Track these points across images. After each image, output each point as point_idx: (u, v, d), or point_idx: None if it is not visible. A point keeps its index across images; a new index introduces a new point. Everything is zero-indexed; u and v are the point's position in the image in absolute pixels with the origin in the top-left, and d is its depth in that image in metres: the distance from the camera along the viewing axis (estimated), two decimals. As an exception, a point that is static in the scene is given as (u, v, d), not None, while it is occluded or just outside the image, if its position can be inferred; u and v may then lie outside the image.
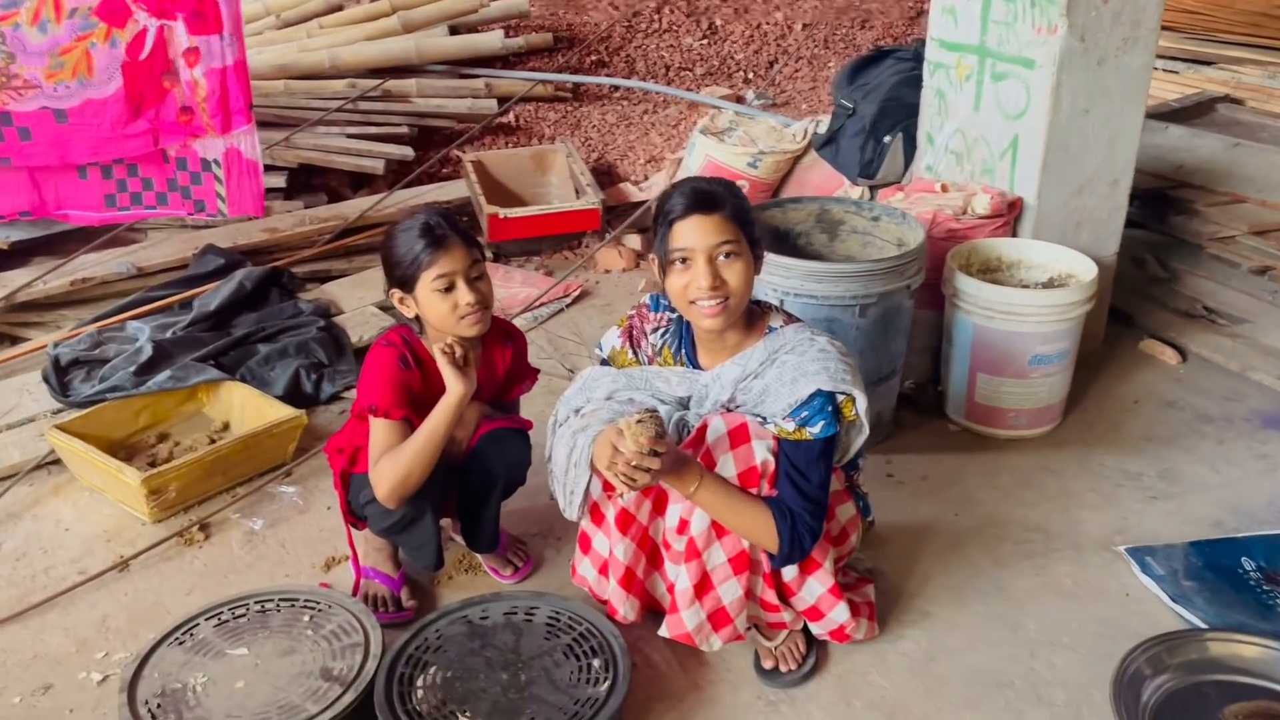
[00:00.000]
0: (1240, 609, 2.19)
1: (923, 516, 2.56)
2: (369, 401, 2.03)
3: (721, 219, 1.88)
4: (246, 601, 2.11)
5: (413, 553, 2.21)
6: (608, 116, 4.97)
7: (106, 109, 2.91)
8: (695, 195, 1.89)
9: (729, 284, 1.88)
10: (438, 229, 2.04)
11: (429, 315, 2.10)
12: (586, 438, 2.00)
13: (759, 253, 1.95)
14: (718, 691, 2.05)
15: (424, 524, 2.11)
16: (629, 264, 4.13)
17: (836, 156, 3.65)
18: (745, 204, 1.94)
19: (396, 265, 2.08)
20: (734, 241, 1.88)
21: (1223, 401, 3.06)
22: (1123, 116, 3.07)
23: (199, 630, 2.04)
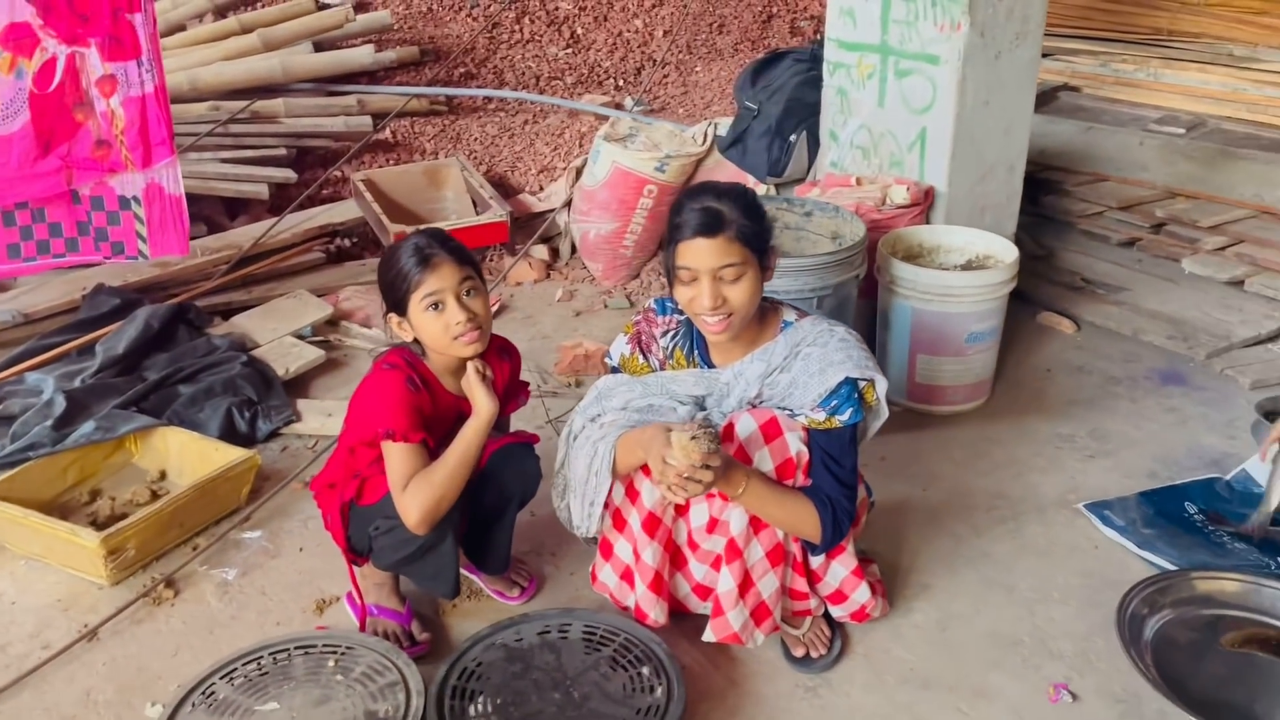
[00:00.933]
0: (1198, 550, 2.40)
1: (895, 495, 2.67)
2: (385, 427, 1.95)
3: (726, 241, 1.88)
4: (260, 654, 1.98)
5: (428, 582, 2.13)
6: (488, 128, 4.91)
7: (12, 146, 2.63)
8: (703, 215, 1.89)
9: (731, 301, 1.90)
10: (425, 248, 1.99)
11: (424, 336, 2.04)
12: (607, 445, 2.00)
13: (769, 263, 1.97)
14: (755, 685, 2.08)
15: (444, 549, 2.04)
16: (540, 275, 4.10)
17: (744, 157, 3.75)
18: (755, 220, 1.92)
19: (389, 289, 2.02)
20: (738, 264, 1.88)
21: (1123, 363, 3.34)
22: (1017, 106, 3.31)
23: (217, 690, 1.90)
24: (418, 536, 1.99)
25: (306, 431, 2.95)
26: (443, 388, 2.08)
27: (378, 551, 2.09)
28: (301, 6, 4.97)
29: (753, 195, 1.98)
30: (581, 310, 3.84)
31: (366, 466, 2.07)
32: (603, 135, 3.95)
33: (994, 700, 2.03)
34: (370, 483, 2.06)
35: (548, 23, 5.79)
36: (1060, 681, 2.06)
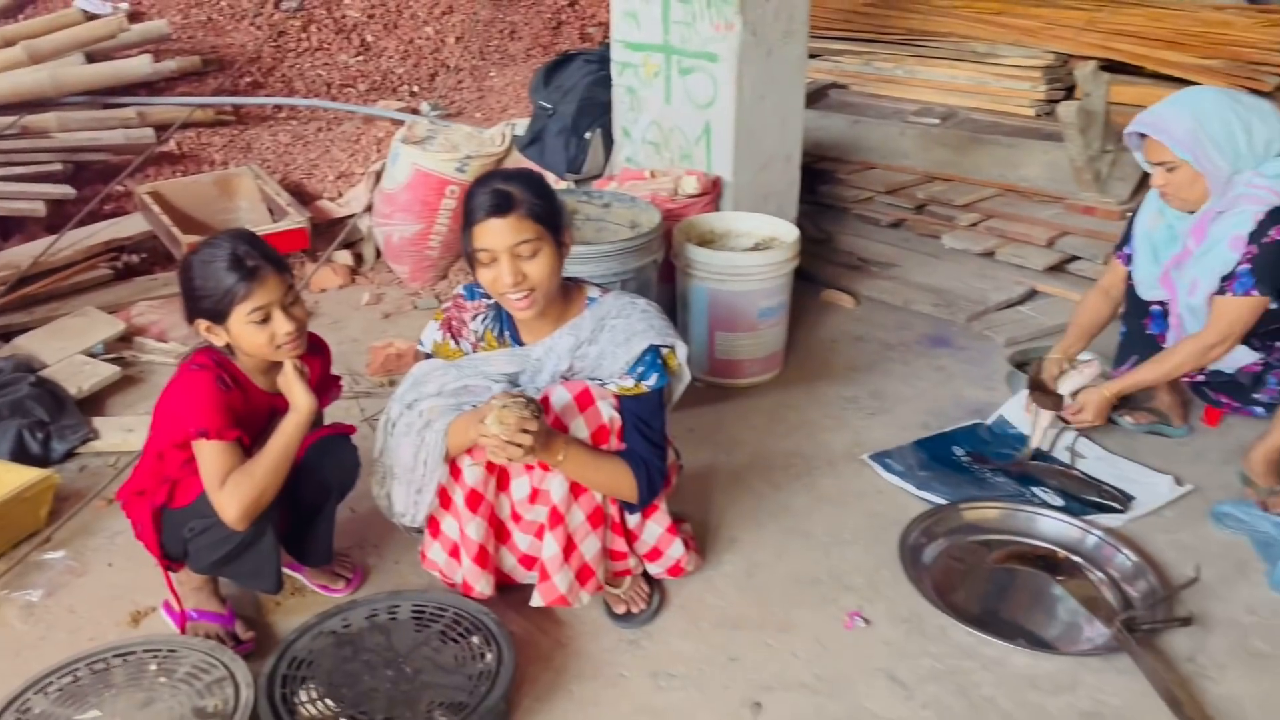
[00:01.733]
0: (967, 486, 2.70)
1: (702, 461, 2.85)
2: (197, 426, 1.94)
3: (518, 219, 1.97)
4: (75, 665, 1.94)
5: (249, 580, 2.13)
6: (280, 137, 4.82)
7: None
8: (492, 197, 1.98)
9: (531, 277, 2.00)
10: (248, 259, 1.96)
11: (245, 346, 2.03)
12: (436, 433, 2.07)
13: (564, 239, 2.08)
14: (582, 644, 2.20)
15: (263, 545, 2.05)
16: (345, 280, 4.08)
17: (543, 155, 3.87)
18: (544, 197, 2.02)
19: (204, 298, 1.98)
20: (532, 240, 1.98)
21: (897, 331, 3.66)
22: (789, 100, 3.57)
23: (32, 705, 1.85)
24: (235, 535, 1.99)
25: (106, 449, 2.85)
26: (254, 385, 2.09)
27: (194, 554, 2.07)
28: (69, 17, 4.74)
29: (539, 177, 2.09)
30: (390, 312, 3.86)
31: (177, 469, 2.05)
32: (400, 138, 3.98)
33: (798, 632, 2.23)
34: (182, 485, 2.04)
35: (336, 30, 5.74)
36: (854, 610, 2.28)
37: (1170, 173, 2.48)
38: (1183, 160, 2.44)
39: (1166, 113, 2.47)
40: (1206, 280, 2.48)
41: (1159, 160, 2.51)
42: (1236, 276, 2.43)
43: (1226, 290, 2.46)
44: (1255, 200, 2.39)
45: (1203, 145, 2.40)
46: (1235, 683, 2.07)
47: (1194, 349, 2.54)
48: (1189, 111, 2.43)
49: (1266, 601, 2.30)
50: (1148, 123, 2.51)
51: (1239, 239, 2.41)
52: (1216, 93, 2.51)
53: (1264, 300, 2.44)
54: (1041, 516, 2.50)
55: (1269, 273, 2.40)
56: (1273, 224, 2.38)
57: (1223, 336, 2.49)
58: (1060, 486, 2.67)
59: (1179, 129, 2.42)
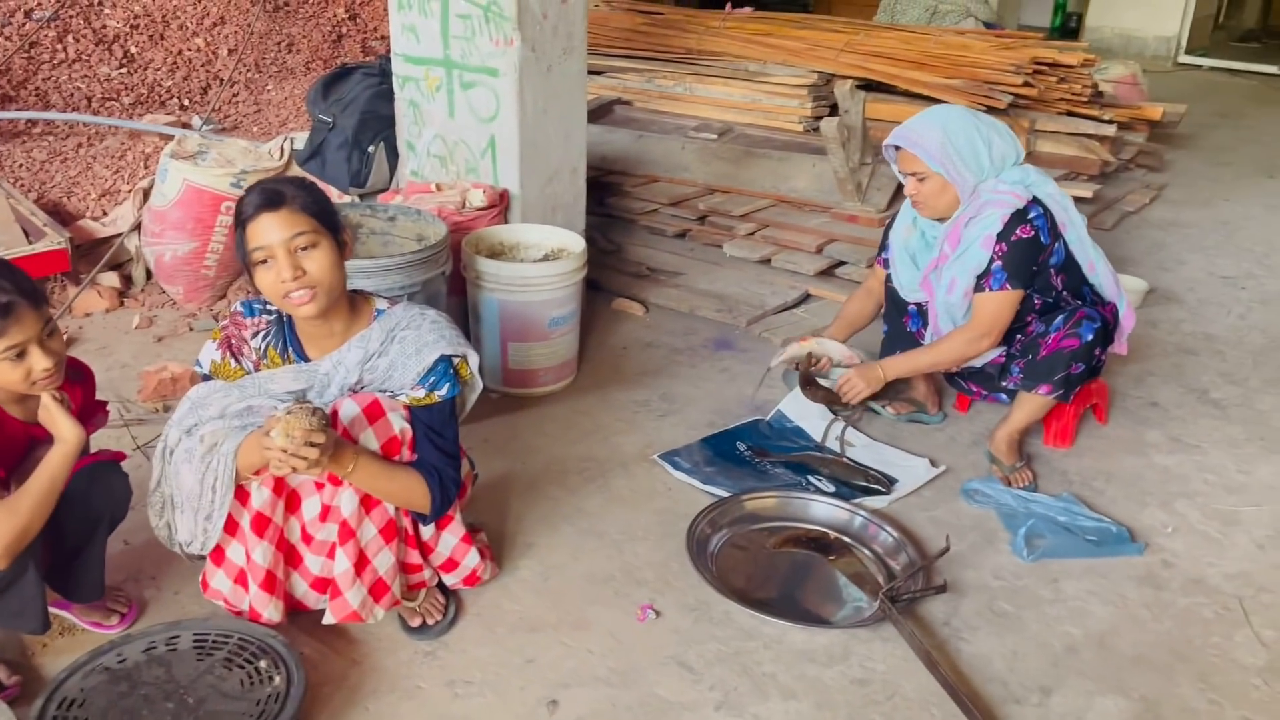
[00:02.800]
0: (749, 478, 2.85)
1: (497, 471, 2.88)
2: None
3: (290, 212, 1.96)
4: None
5: (11, 620, 1.99)
6: (34, 153, 4.50)
7: None
8: (262, 195, 1.97)
9: (311, 273, 1.97)
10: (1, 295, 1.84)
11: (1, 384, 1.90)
12: (222, 456, 2.00)
13: (343, 238, 2.07)
14: (377, 660, 2.19)
15: (26, 582, 1.92)
16: (112, 303, 3.86)
17: (324, 169, 3.79)
18: (316, 195, 2.02)
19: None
20: (308, 232, 1.96)
21: (685, 336, 3.82)
22: (571, 115, 3.66)
23: None
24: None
25: None
26: (8, 415, 1.96)
27: None
28: None
29: (310, 180, 2.09)
30: (164, 335, 3.68)
31: None
32: (169, 153, 3.80)
33: (592, 629, 2.29)
34: None
35: (95, 41, 5.39)
36: (646, 603, 2.37)
37: (922, 182, 2.73)
38: (935, 172, 2.69)
39: (919, 128, 2.71)
40: (963, 279, 2.75)
41: (912, 171, 2.75)
42: (991, 274, 2.71)
43: (984, 287, 2.73)
44: (1000, 205, 2.68)
45: (951, 158, 2.66)
46: (984, 641, 2.30)
47: (964, 339, 2.80)
48: (939, 127, 2.69)
49: (1010, 567, 2.55)
50: (902, 137, 2.75)
51: (989, 239, 2.68)
52: (960, 111, 2.78)
53: (1019, 294, 2.73)
54: (814, 502, 2.68)
55: (1018, 266, 2.69)
56: (1018, 224, 2.67)
57: (988, 329, 2.76)
58: (832, 474, 2.86)
59: (931, 143, 2.67)
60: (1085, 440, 3.14)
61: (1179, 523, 2.76)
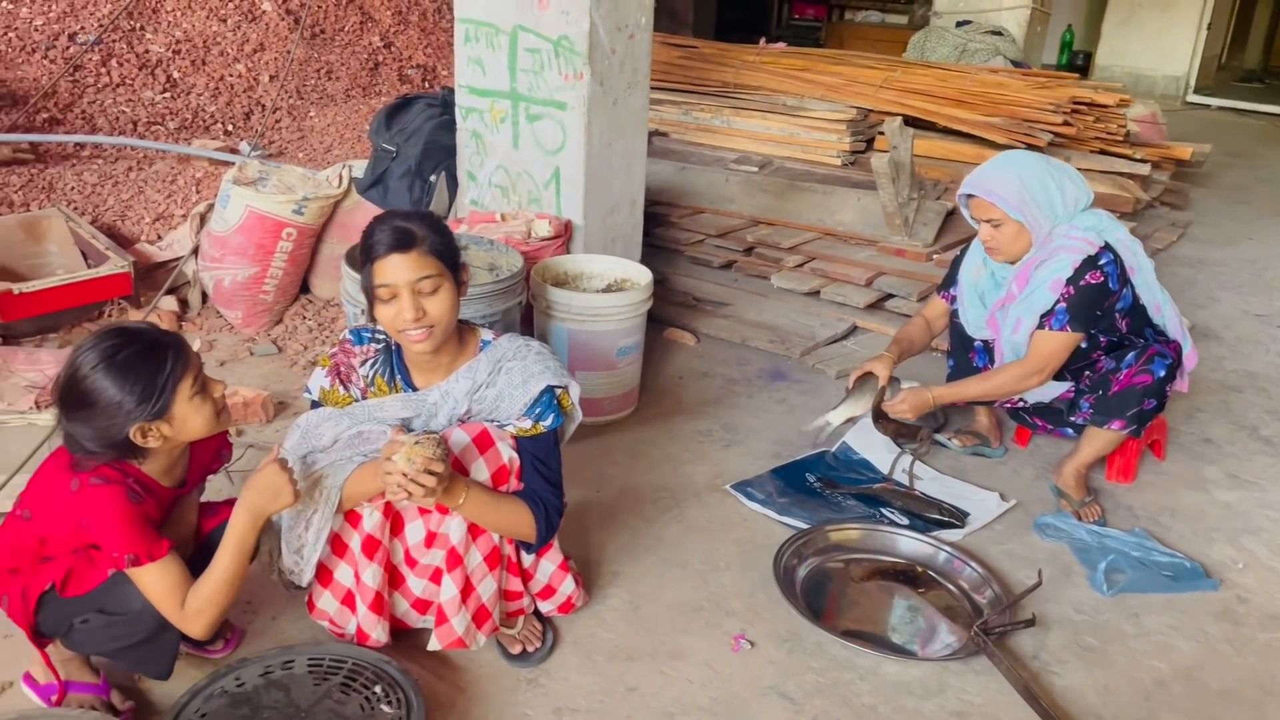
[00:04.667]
0: (823, 509, 2.89)
1: (574, 498, 2.89)
2: (125, 553, 1.80)
3: (419, 255, 2.00)
4: (-61, 755, 1.77)
5: (139, 667, 2.01)
6: (85, 177, 4.53)
7: None
8: (394, 234, 2.01)
9: (431, 314, 2.02)
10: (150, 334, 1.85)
11: (192, 425, 1.88)
12: (326, 491, 2.04)
13: (463, 278, 2.13)
14: (481, 687, 2.20)
15: (167, 638, 1.93)
16: (171, 327, 3.87)
17: (385, 197, 3.83)
18: (444, 237, 2.07)
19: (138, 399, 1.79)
20: (434, 276, 2.01)
21: (738, 366, 3.86)
22: (633, 148, 3.73)
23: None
24: (140, 632, 1.89)
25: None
26: (160, 487, 1.96)
27: (82, 639, 1.93)
28: None
29: (437, 217, 2.12)
30: (226, 360, 3.70)
31: (68, 557, 1.91)
32: (231, 179, 3.84)
33: (688, 659, 2.32)
34: (76, 574, 1.89)
35: (139, 65, 5.44)
36: (738, 633, 2.39)
37: (997, 229, 2.78)
38: (1013, 219, 2.74)
39: (994, 176, 2.77)
40: (1029, 319, 2.80)
41: (987, 218, 2.80)
42: (1054, 313, 2.76)
43: (1045, 325, 2.78)
44: (1073, 250, 2.72)
45: (1028, 205, 2.72)
46: (1075, 675, 2.33)
47: (1015, 374, 2.84)
48: (1015, 175, 2.74)
49: (1089, 601, 2.59)
50: (978, 185, 2.80)
51: (1058, 283, 2.73)
52: (1032, 157, 2.84)
53: (1077, 337, 2.77)
54: (899, 536, 2.71)
55: (1082, 311, 2.73)
56: (1088, 270, 2.72)
57: (1040, 367, 2.80)
58: (905, 507, 2.90)
59: (1008, 191, 2.72)
60: (1145, 476, 3.19)
61: (1248, 559, 2.81)
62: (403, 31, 6.42)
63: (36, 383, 3.26)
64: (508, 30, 3.51)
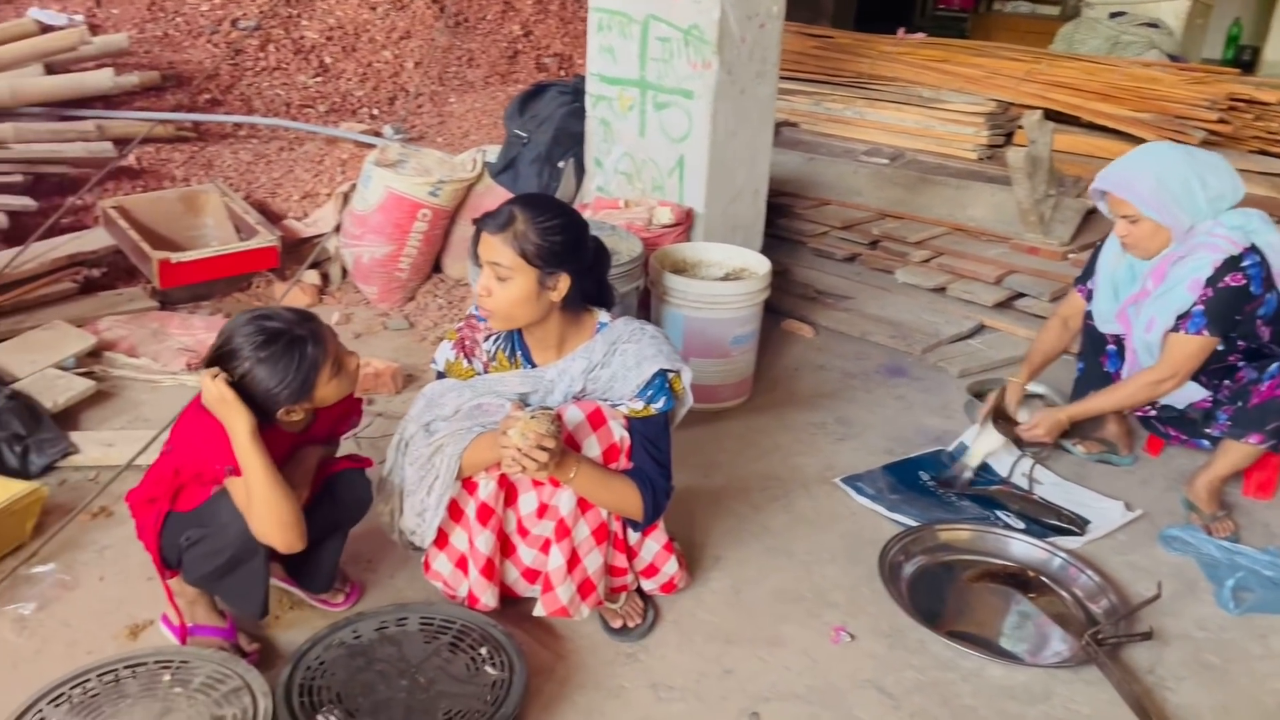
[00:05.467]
0: (934, 509, 2.84)
1: (682, 482, 2.90)
2: (226, 464, 1.96)
3: (501, 243, 2.04)
4: (87, 676, 1.93)
5: (235, 600, 2.14)
6: (241, 155, 4.81)
7: None
8: (498, 216, 2.07)
9: (495, 296, 2.07)
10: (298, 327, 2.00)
11: (330, 400, 2.09)
12: (446, 458, 2.13)
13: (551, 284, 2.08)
14: (581, 658, 2.27)
15: (253, 566, 2.05)
16: (312, 300, 4.09)
17: (516, 182, 3.94)
18: (540, 238, 2.03)
19: (286, 388, 1.97)
20: (504, 266, 2.04)
21: (856, 360, 3.83)
22: (759, 137, 3.73)
23: (46, 716, 1.84)
24: (227, 549, 2.02)
25: (87, 463, 2.83)
26: (280, 430, 2.10)
27: (188, 564, 2.08)
28: (25, 28, 4.66)
29: (559, 218, 2.08)
30: (361, 333, 3.88)
31: (191, 481, 2.08)
32: (373, 161, 4.02)
33: (787, 646, 2.33)
34: (187, 490, 2.07)
35: (294, 50, 5.73)
36: (839, 625, 2.39)
37: (1134, 225, 2.67)
38: (1147, 216, 2.63)
39: (1130, 171, 2.66)
40: (1163, 318, 2.68)
41: (1122, 214, 2.70)
42: (1190, 315, 2.64)
43: (1180, 328, 2.66)
44: (1214, 249, 2.60)
45: (1165, 202, 2.60)
46: (1192, 693, 2.24)
47: (1146, 382, 2.73)
48: (1151, 171, 2.62)
49: (1214, 618, 2.48)
50: (1112, 181, 2.70)
51: (1197, 283, 2.61)
52: (1173, 149, 2.71)
53: (1213, 341, 2.64)
54: (1011, 539, 2.65)
55: (1220, 314, 2.61)
56: (1228, 271, 2.59)
57: (1173, 372, 2.69)
58: (1021, 510, 2.83)
59: (1143, 188, 2.61)
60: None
61: (1396, 586, 2.63)
62: (542, 20, 6.55)
63: (189, 346, 3.49)
64: (640, 19, 3.56)
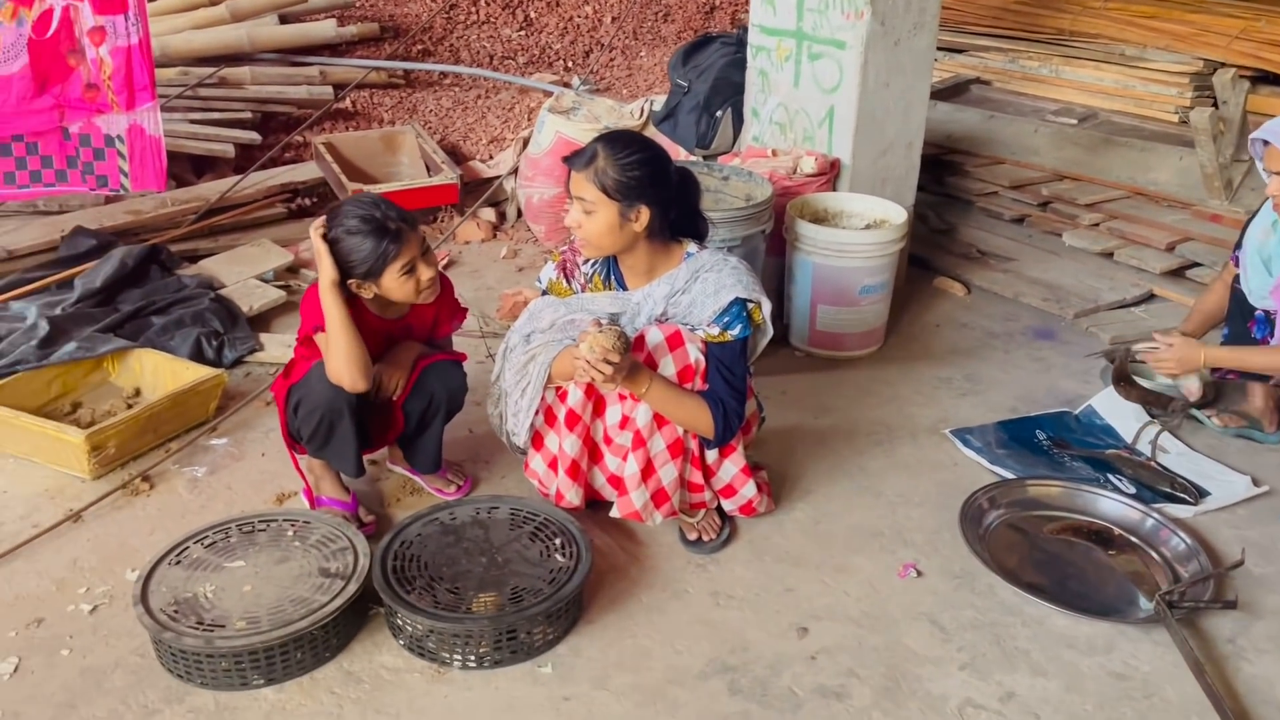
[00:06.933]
0: (1041, 467, 2.81)
1: (789, 421, 3.05)
2: (314, 323, 2.31)
3: (581, 178, 2.23)
4: (228, 525, 2.31)
5: (336, 460, 2.45)
6: (442, 101, 5.23)
7: (12, 85, 2.94)
8: (582, 151, 2.26)
9: (584, 228, 2.25)
10: (392, 224, 2.26)
11: (394, 296, 2.34)
12: (538, 366, 2.36)
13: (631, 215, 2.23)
14: (655, 562, 2.45)
15: (342, 429, 2.36)
16: (487, 235, 4.44)
17: (675, 130, 4.11)
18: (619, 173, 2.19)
19: (359, 264, 2.26)
20: (588, 200, 2.22)
21: (1003, 321, 3.76)
22: (914, 89, 3.70)
23: (190, 552, 2.22)
24: (318, 408, 2.32)
25: (268, 360, 3.27)
26: (369, 312, 2.41)
27: (296, 428, 2.41)
28: (265, -20, 5.25)
29: (639, 152, 2.24)
30: (525, 266, 4.19)
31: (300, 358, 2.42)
32: (548, 107, 4.29)
33: (852, 575, 2.42)
34: (298, 365, 2.42)
35: (503, 5, 6.11)
36: (910, 562, 2.45)
37: None
38: None
39: None
40: None
41: (1278, 169, 2.55)
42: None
43: None
44: None
45: None
46: (1270, 665, 2.15)
47: None
48: None
49: (1322, 600, 2.35)
50: (1273, 130, 2.55)
51: None
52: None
53: None
54: (1103, 498, 2.59)
55: None
56: None
57: None
58: (1135, 476, 2.75)
59: None
60: None
61: None
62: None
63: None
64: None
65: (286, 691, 2.02)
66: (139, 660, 2.09)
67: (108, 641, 2.14)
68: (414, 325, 2.52)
